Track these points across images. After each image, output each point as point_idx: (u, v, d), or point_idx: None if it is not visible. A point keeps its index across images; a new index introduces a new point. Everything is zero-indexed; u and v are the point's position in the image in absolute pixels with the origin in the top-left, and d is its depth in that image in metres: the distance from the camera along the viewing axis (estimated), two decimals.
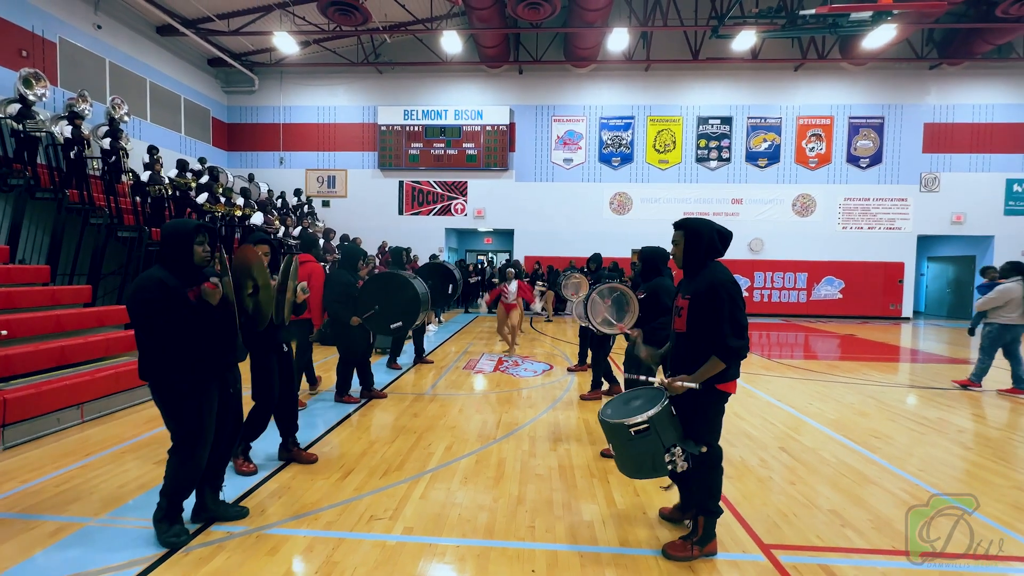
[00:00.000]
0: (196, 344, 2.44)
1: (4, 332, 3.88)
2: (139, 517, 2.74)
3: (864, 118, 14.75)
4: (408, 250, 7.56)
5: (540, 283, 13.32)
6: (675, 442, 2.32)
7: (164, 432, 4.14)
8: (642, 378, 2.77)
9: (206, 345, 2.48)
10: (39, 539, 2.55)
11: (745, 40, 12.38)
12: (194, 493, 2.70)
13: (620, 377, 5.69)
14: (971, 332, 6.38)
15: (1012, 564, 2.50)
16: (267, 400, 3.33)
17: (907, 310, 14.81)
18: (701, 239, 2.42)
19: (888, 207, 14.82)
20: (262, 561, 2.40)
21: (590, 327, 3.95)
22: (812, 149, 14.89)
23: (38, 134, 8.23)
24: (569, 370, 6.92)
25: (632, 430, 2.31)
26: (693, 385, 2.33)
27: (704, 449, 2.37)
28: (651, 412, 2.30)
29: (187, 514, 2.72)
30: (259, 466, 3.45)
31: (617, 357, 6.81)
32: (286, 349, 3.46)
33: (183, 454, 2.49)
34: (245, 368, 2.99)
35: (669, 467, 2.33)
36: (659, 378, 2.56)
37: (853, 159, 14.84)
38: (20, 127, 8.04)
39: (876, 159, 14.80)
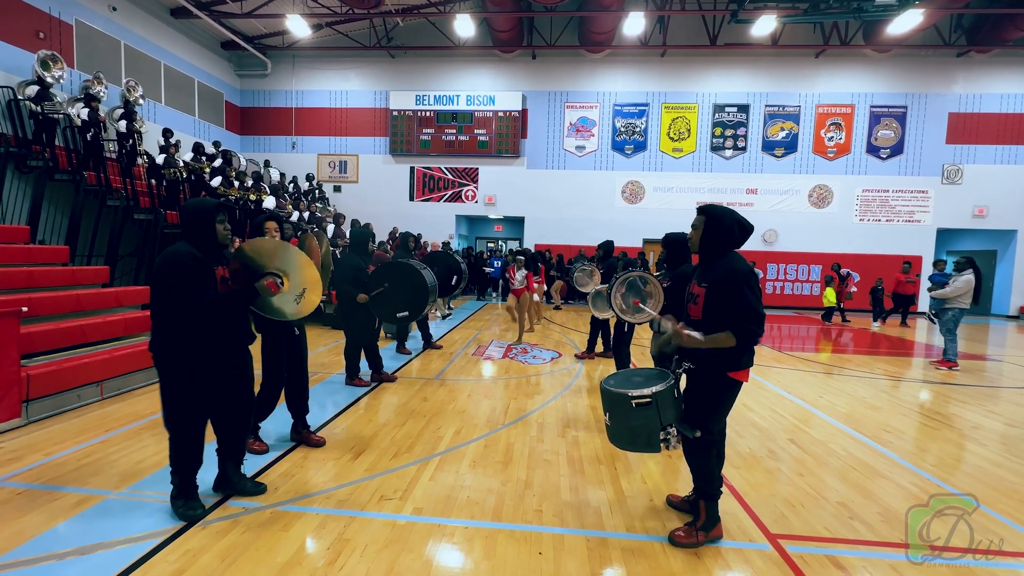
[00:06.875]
0: (208, 323, 2.48)
1: (25, 308, 3.97)
2: (157, 491, 2.83)
3: (886, 107, 14.36)
4: (418, 236, 7.53)
5: (553, 272, 13.30)
6: (672, 422, 2.34)
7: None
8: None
9: (217, 326, 2.53)
10: (62, 510, 2.64)
11: (765, 25, 12.07)
12: (216, 465, 2.80)
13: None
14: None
15: (1021, 560, 2.48)
16: (274, 383, 3.44)
17: (923, 305, 14.55)
18: (721, 227, 2.40)
19: (908, 199, 14.49)
20: (276, 536, 2.46)
21: (619, 318, 3.91)
22: (831, 139, 14.56)
23: (56, 116, 8.33)
24: (577, 357, 6.93)
25: (634, 402, 2.33)
26: (697, 335, 2.32)
27: (698, 434, 2.38)
28: (656, 388, 2.32)
29: (209, 486, 2.81)
30: (271, 446, 3.52)
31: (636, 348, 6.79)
32: (297, 332, 3.51)
33: (169, 430, 2.55)
34: (256, 349, 3.04)
35: (663, 444, 2.35)
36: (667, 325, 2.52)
37: (873, 149, 14.49)
38: (39, 109, 8.14)
39: (897, 150, 14.43)
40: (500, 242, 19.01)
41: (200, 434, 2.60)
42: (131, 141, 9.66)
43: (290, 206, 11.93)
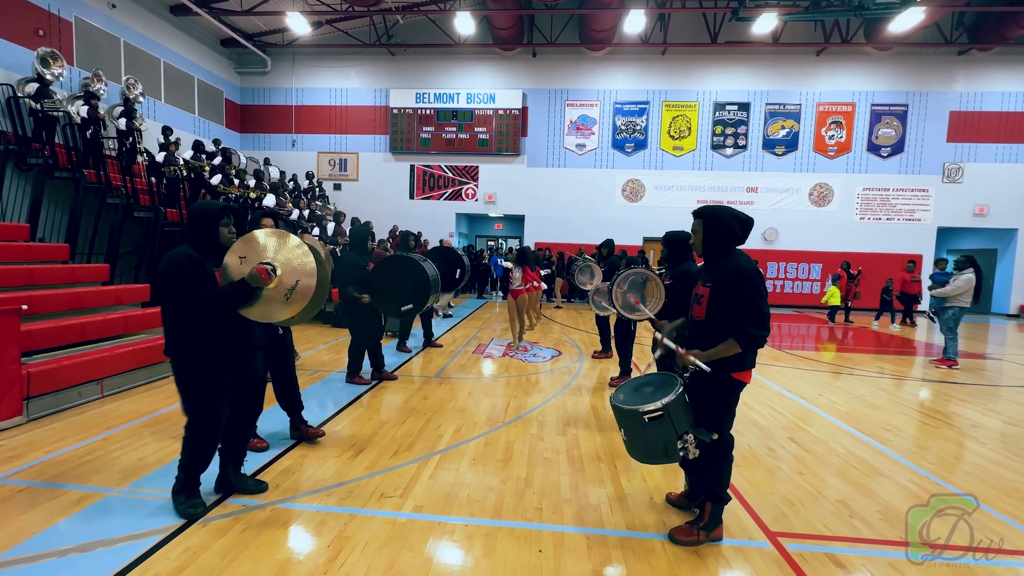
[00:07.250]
0: (216, 324, 2.49)
1: (25, 307, 3.97)
2: (158, 488, 2.83)
3: (887, 105, 14.34)
4: (419, 235, 7.51)
5: (553, 269, 13.26)
6: (687, 429, 2.32)
7: (180, 408, 4.25)
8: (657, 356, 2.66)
9: (226, 326, 2.53)
10: (63, 507, 2.64)
11: (766, 23, 12.04)
12: (217, 466, 2.80)
13: (636, 373, 5.67)
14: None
15: (1021, 559, 2.49)
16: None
17: (924, 303, 14.54)
18: (721, 226, 2.38)
19: (908, 198, 14.48)
20: (277, 533, 2.47)
21: (619, 314, 3.92)
22: (832, 137, 14.54)
23: (56, 114, 8.31)
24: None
25: (646, 417, 2.29)
26: (703, 367, 2.30)
27: (715, 436, 2.37)
28: (666, 400, 2.28)
29: (209, 486, 2.81)
30: (271, 444, 3.53)
31: (639, 347, 6.78)
32: (280, 332, 3.51)
33: (193, 431, 2.57)
34: None
35: (681, 453, 2.33)
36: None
37: (874, 148, 14.47)
38: (38, 106, 8.12)
39: (898, 148, 14.42)
40: (500, 240, 19.00)
41: (219, 436, 2.63)
42: (131, 139, 9.65)
43: (290, 204, 11.92)
